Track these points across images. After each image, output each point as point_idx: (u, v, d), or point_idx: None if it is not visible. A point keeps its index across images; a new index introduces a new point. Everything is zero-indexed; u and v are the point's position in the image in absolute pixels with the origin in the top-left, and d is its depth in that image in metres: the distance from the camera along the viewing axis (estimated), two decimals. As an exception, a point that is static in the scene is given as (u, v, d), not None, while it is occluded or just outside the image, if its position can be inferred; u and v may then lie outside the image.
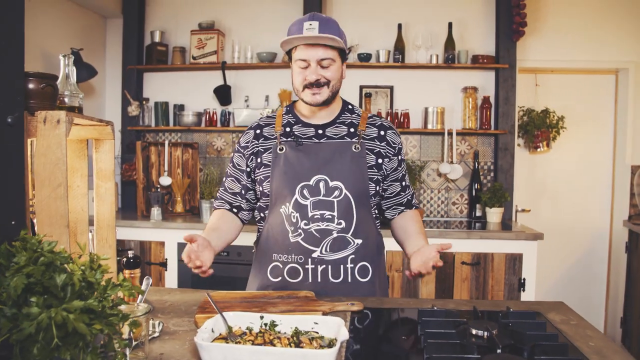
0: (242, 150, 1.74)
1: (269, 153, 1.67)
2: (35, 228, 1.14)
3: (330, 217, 1.60)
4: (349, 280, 1.62)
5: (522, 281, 3.16)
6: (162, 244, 3.35)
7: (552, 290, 4.02)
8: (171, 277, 3.34)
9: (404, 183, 1.79)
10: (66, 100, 1.28)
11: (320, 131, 1.69)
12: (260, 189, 1.68)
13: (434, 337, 1.21)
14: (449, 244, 1.49)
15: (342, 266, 1.62)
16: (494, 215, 3.59)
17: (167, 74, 4.04)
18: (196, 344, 1.01)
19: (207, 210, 3.45)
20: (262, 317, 1.24)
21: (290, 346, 1.12)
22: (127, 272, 1.36)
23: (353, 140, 1.67)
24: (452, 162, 3.79)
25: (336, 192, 1.61)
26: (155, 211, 3.41)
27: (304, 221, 1.60)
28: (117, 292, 0.91)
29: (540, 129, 3.86)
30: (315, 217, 1.60)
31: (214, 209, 1.79)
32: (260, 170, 1.68)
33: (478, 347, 1.17)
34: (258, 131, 1.72)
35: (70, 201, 1.20)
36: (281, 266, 1.64)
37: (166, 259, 3.34)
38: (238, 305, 1.47)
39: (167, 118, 3.97)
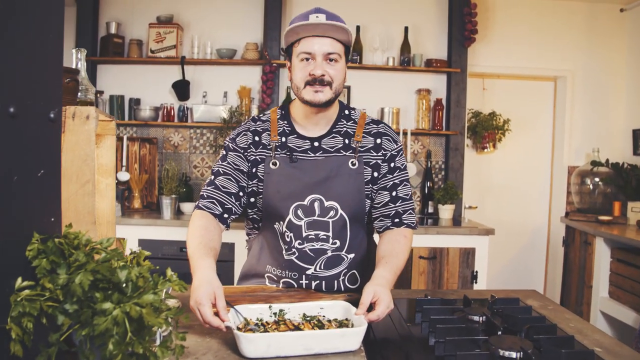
0: (242, 152, 1.60)
1: (262, 166, 1.58)
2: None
3: (325, 237, 1.56)
4: (342, 289, 1.63)
5: (475, 274, 3.37)
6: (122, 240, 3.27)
7: (496, 281, 4.30)
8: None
9: (394, 193, 1.61)
10: (79, 95, 1.26)
11: (315, 144, 1.60)
12: (253, 200, 1.61)
13: (439, 323, 1.31)
14: (375, 319, 1.25)
15: (335, 280, 1.61)
16: (446, 211, 3.79)
17: (123, 67, 3.92)
18: (237, 336, 1.05)
19: (168, 207, 3.40)
20: (270, 307, 1.29)
21: (314, 329, 1.18)
22: (136, 268, 1.36)
23: (349, 154, 1.59)
24: (406, 161, 3.95)
25: (331, 213, 1.55)
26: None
27: (298, 241, 1.56)
28: (166, 287, 0.93)
29: (488, 130, 4.11)
30: (310, 237, 1.55)
31: (198, 208, 1.56)
32: (253, 182, 1.59)
33: (480, 330, 1.28)
34: (257, 138, 1.61)
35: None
36: (275, 279, 1.64)
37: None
38: (242, 299, 1.50)
39: (123, 112, 3.87)
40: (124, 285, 0.84)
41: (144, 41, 3.87)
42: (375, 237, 1.74)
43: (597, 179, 3.91)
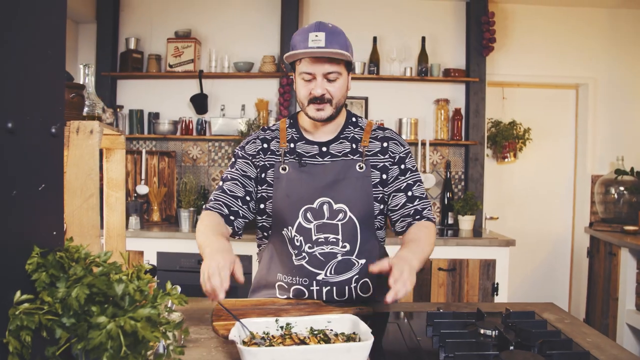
0: (250, 158, 1.65)
1: (272, 171, 1.62)
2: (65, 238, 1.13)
3: (334, 240, 1.57)
4: (354, 297, 1.62)
5: (496, 285, 3.30)
6: (141, 253, 3.31)
7: (518, 294, 4.20)
8: (150, 288, 3.29)
9: (410, 193, 1.64)
10: (86, 110, 1.28)
11: (324, 148, 1.64)
12: (262, 206, 1.64)
13: (449, 337, 1.27)
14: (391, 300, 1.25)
15: (347, 287, 1.60)
16: (466, 222, 3.73)
17: (142, 82, 3.99)
18: (240, 350, 1.04)
19: (186, 220, 3.43)
20: (277, 321, 1.27)
21: (320, 343, 1.16)
22: (143, 281, 1.37)
23: (356, 158, 1.62)
24: (425, 172, 3.92)
25: (340, 215, 1.57)
26: (134, 220, 3.36)
27: (308, 244, 1.57)
28: (166, 301, 0.92)
29: (508, 140, 4.05)
30: (320, 240, 1.57)
31: (205, 209, 1.60)
32: (263, 187, 1.63)
33: (491, 345, 1.24)
34: (265, 145, 1.66)
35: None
36: (286, 286, 1.63)
37: (145, 269, 3.29)
38: (252, 312, 1.49)
39: (142, 126, 3.92)
40: (121, 299, 0.84)
41: (163, 56, 3.93)
42: (389, 249, 1.73)
43: (621, 188, 3.81)
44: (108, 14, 3.89)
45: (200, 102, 3.90)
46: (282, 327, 1.26)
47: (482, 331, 1.36)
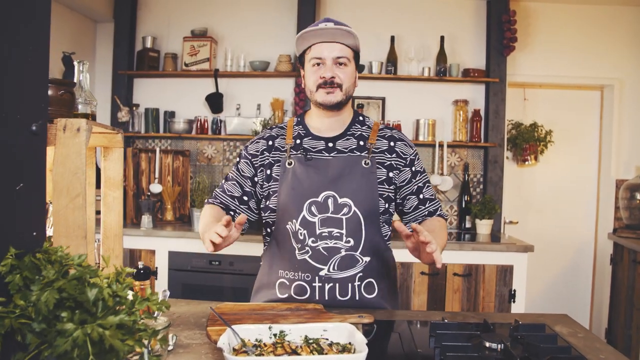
0: (250, 158, 1.69)
1: (278, 166, 1.64)
2: (52, 239, 1.11)
3: (338, 234, 1.56)
4: (357, 297, 1.59)
5: (513, 292, 3.20)
6: (153, 252, 3.30)
7: (538, 301, 4.08)
8: (161, 286, 3.29)
9: (421, 196, 1.68)
10: (80, 107, 1.25)
11: (330, 144, 1.65)
12: (267, 203, 1.64)
13: (450, 350, 1.21)
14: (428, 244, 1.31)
15: (349, 284, 1.58)
16: (484, 227, 3.63)
17: (158, 80, 4.00)
18: (225, 358, 0.99)
19: (198, 219, 3.40)
20: (270, 328, 1.22)
21: (313, 354, 1.11)
22: (137, 283, 1.34)
23: (363, 154, 1.63)
24: (442, 174, 3.83)
25: (345, 209, 1.57)
26: (146, 219, 3.36)
27: (312, 238, 1.56)
28: (144, 306, 0.89)
29: (529, 142, 3.93)
30: (324, 234, 1.56)
31: (207, 203, 1.71)
32: (269, 183, 1.64)
33: (496, 359, 1.18)
34: (270, 142, 1.69)
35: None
36: (288, 283, 1.61)
37: (157, 268, 3.29)
38: (248, 317, 1.45)
39: (158, 125, 3.93)
40: (93, 304, 0.80)
41: (179, 55, 3.93)
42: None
43: (648, 194, 3.66)
44: (125, 12, 3.90)
45: (215, 101, 3.89)
46: (275, 335, 1.21)
47: (487, 344, 1.29)
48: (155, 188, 3.58)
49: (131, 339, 0.81)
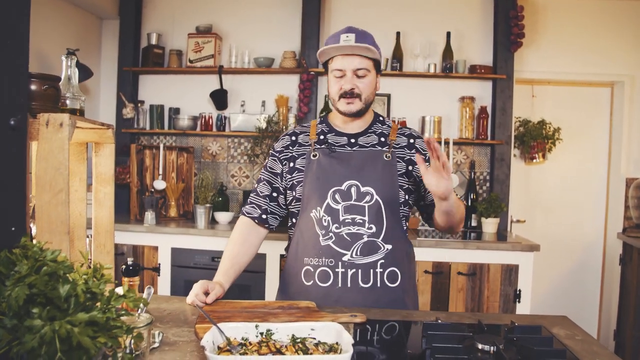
0: (277, 155, 1.80)
1: (302, 159, 1.74)
2: (34, 234, 1.10)
3: (361, 221, 1.64)
4: (378, 285, 1.64)
5: (518, 292, 3.15)
6: (156, 248, 3.31)
7: (545, 302, 4.02)
8: (164, 283, 3.29)
9: None
10: (68, 102, 1.24)
11: (352, 140, 1.75)
12: (293, 193, 1.73)
13: (440, 352, 1.18)
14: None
15: (371, 270, 1.64)
16: (490, 225, 3.58)
17: (163, 77, 4.00)
18: (207, 358, 0.98)
19: (202, 216, 3.41)
20: (257, 326, 1.21)
21: (298, 353, 1.09)
22: (126, 279, 1.33)
23: (384, 149, 1.73)
24: (448, 172, 3.78)
25: (367, 197, 1.65)
26: (149, 215, 3.37)
27: (335, 225, 1.64)
28: (121, 303, 0.87)
29: (537, 140, 3.87)
30: (347, 221, 1.64)
31: (243, 214, 1.82)
32: (293, 175, 1.73)
33: (486, 362, 1.15)
34: (294, 138, 1.80)
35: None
36: (312, 270, 1.66)
37: (159, 264, 3.29)
38: (239, 315, 1.44)
39: (162, 121, 3.93)
40: (65, 300, 0.79)
41: (184, 51, 3.93)
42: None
43: (658, 193, 3.58)
44: (131, 9, 3.91)
45: (220, 98, 3.88)
46: (261, 334, 1.20)
47: (479, 346, 1.26)
48: (159, 184, 3.58)
49: (103, 336, 0.80)
